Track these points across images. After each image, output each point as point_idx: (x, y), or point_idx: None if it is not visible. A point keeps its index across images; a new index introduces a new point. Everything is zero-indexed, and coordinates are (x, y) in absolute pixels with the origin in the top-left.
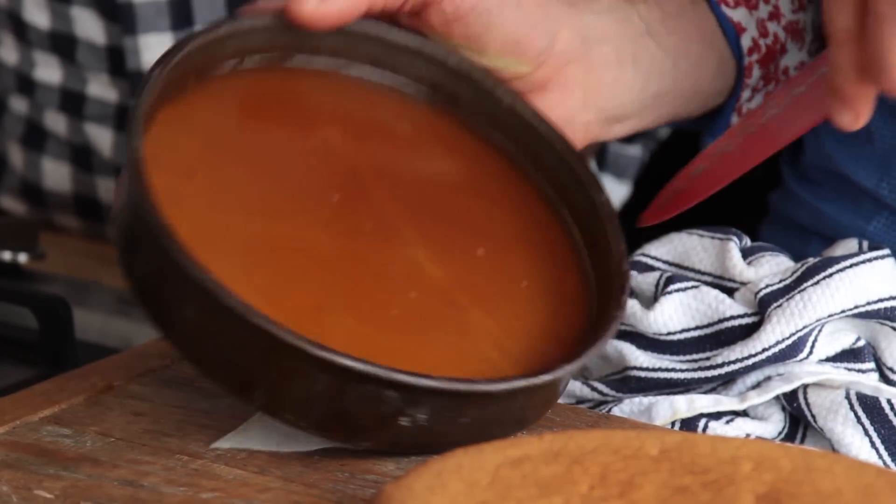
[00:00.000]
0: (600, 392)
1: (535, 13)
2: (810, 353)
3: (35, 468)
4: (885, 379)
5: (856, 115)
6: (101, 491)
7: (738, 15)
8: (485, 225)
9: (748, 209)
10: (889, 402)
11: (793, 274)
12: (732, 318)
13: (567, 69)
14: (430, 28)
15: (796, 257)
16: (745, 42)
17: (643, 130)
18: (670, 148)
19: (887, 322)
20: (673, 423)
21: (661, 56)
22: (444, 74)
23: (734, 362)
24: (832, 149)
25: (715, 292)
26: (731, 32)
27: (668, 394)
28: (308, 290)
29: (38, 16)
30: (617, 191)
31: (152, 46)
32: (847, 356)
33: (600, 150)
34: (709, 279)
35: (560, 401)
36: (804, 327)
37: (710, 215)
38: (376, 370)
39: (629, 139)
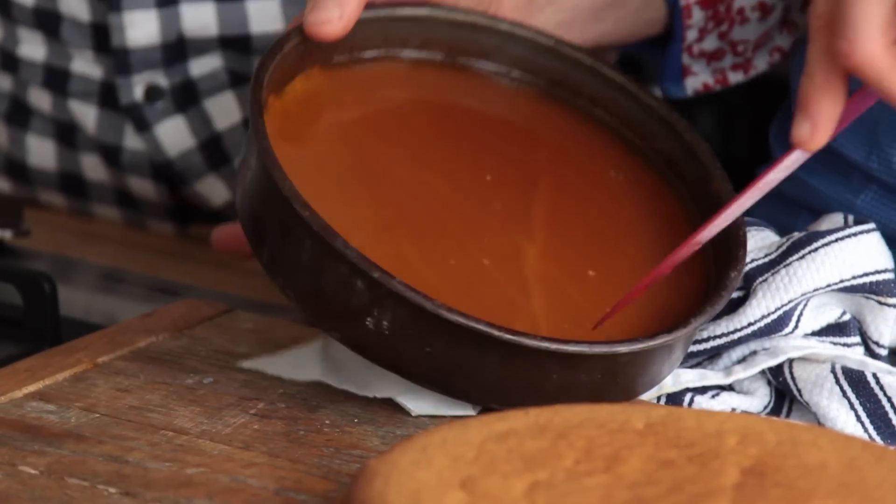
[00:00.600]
0: None
1: None
2: (796, 327)
3: (19, 444)
4: (870, 353)
5: (813, 127)
6: (85, 466)
7: None
8: (605, 202)
9: (736, 183)
10: (874, 375)
11: (778, 248)
12: None
13: None
14: None
15: (785, 231)
16: None
17: (588, 46)
18: None
19: (873, 296)
20: (659, 398)
21: None
22: (538, 55)
23: (720, 337)
24: None
25: None
26: None
27: None
28: (396, 216)
29: None
30: None
31: (137, 23)
32: (833, 330)
33: None
34: None
35: None
36: (789, 302)
37: None
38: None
39: None
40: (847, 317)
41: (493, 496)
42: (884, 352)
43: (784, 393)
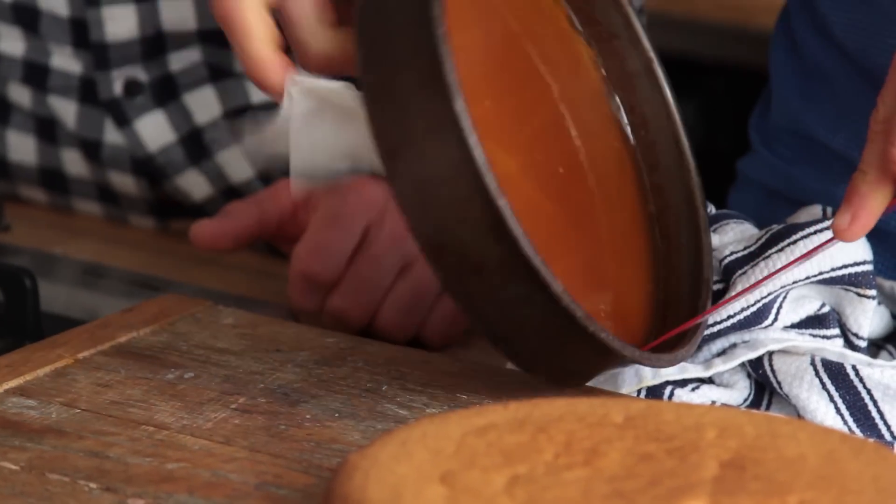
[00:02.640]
0: None
1: None
2: (775, 319)
3: (0, 440)
4: (849, 345)
5: (854, 220)
6: (66, 462)
7: None
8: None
9: (716, 175)
10: (854, 368)
11: (757, 241)
12: None
13: None
14: None
15: (765, 222)
16: None
17: None
18: None
19: (851, 288)
20: (639, 391)
21: None
22: None
23: None
24: (798, 110)
25: None
26: None
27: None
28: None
29: None
30: None
31: (116, 18)
32: (812, 322)
33: None
34: None
35: None
36: (769, 294)
37: None
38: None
39: None
40: (826, 309)
41: (473, 490)
42: (863, 343)
43: (764, 385)
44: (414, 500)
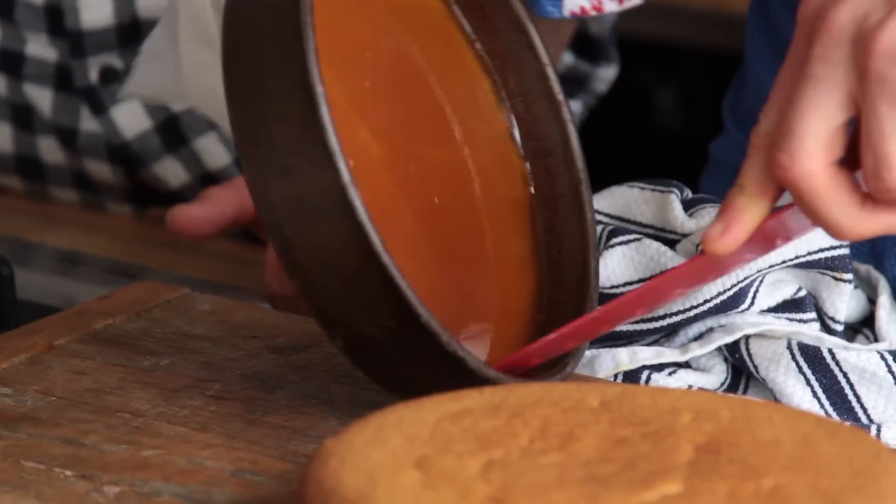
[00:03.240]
0: None
1: None
2: (752, 304)
3: None
4: (826, 329)
5: (724, 230)
6: (42, 450)
7: None
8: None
9: (694, 160)
10: (830, 351)
11: None
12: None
13: None
14: None
15: None
16: None
17: None
18: (609, 105)
19: (828, 272)
20: (616, 376)
21: None
22: None
23: (676, 314)
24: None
25: (657, 244)
26: None
27: (610, 346)
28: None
29: None
30: None
31: (91, 5)
32: (788, 306)
33: None
34: (651, 231)
35: None
36: (745, 278)
37: (651, 167)
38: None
39: (571, 94)
40: (803, 293)
41: (449, 475)
42: (839, 327)
43: (741, 369)
44: (389, 485)
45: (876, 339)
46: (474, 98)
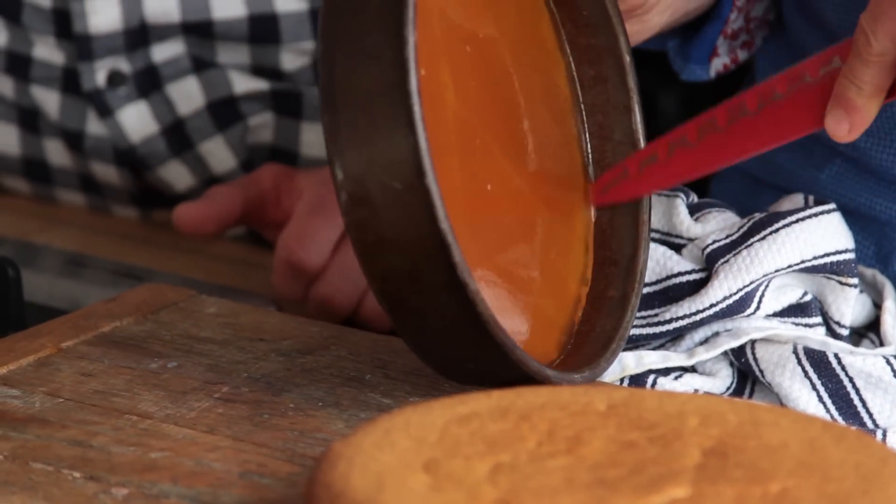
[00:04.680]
0: None
1: None
2: (757, 308)
3: None
4: (831, 333)
5: (851, 128)
6: (50, 451)
7: None
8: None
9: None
10: (836, 356)
11: (739, 229)
12: (680, 274)
13: None
14: None
15: (748, 210)
16: None
17: (666, 28)
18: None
19: (833, 276)
20: (622, 380)
21: None
22: None
23: (682, 318)
24: None
25: (663, 249)
26: None
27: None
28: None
29: None
30: None
31: (99, 9)
32: (794, 311)
33: None
34: (657, 236)
35: None
36: (751, 283)
37: None
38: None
39: None
40: (808, 297)
41: (457, 478)
42: (845, 332)
43: (746, 374)
44: (397, 488)
45: (882, 343)
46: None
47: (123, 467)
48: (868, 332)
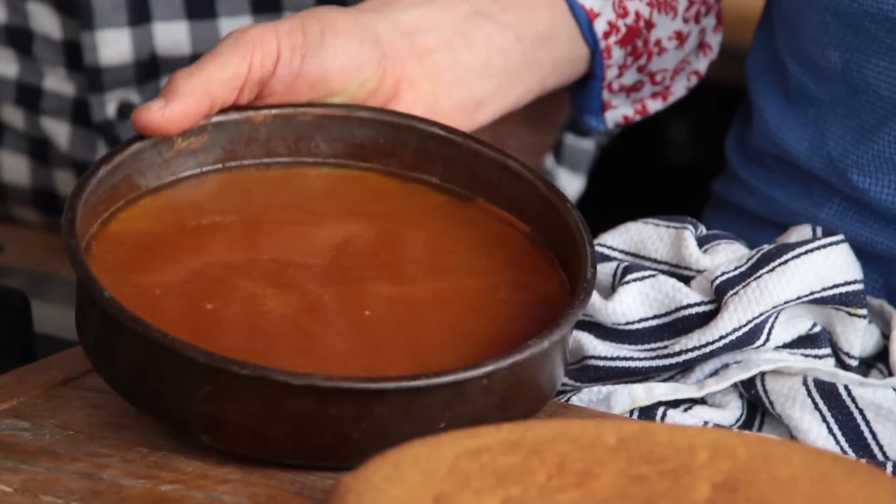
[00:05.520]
0: None
1: (352, 33)
2: (767, 339)
3: None
4: (841, 364)
5: None
6: (59, 484)
7: (590, 1)
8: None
9: (703, 195)
10: (846, 388)
11: (748, 261)
12: (690, 306)
13: (406, 67)
14: (276, 100)
15: (748, 245)
16: (600, 27)
17: (513, 109)
18: (622, 141)
19: (843, 307)
20: (632, 412)
21: (498, 32)
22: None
23: (692, 350)
24: (778, 135)
25: (672, 281)
26: (584, 19)
27: (626, 382)
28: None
29: None
30: (572, 184)
31: (110, 42)
32: (804, 342)
33: (557, 146)
34: (665, 268)
35: None
36: (761, 314)
37: (665, 202)
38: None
39: (584, 133)
40: (818, 328)
41: None
42: (854, 362)
43: (756, 406)
44: None
45: (890, 373)
46: None
47: (133, 500)
48: (877, 362)
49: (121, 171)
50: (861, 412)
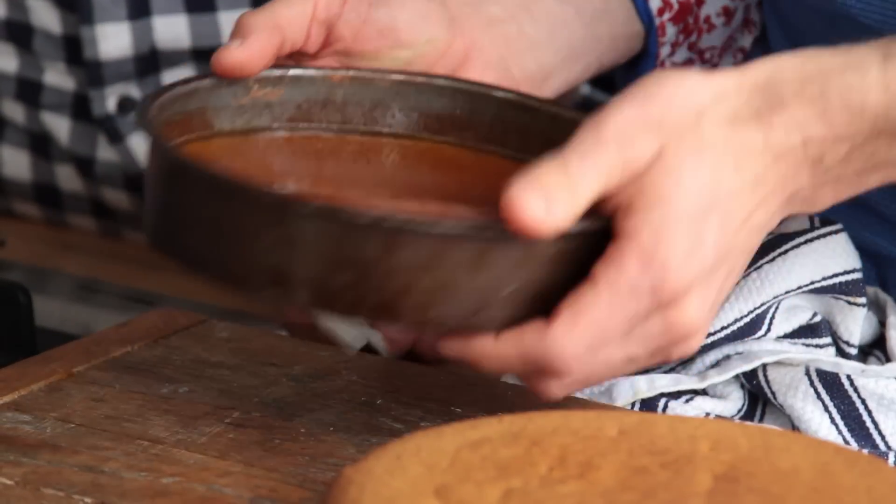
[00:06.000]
0: None
1: None
2: (768, 330)
3: None
4: (840, 352)
5: None
6: (61, 477)
7: None
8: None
9: None
10: (849, 377)
11: None
12: None
13: (475, 33)
14: (343, 47)
15: None
16: (654, 3)
17: (576, 83)
18: None
19: (842, 296)
20: (633, 404)
21: (559, 7)
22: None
23: None
24: None
25: None
26: None
27: (628, 374)
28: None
29: None
30: None
31: (109, 36)
32: (805, 332)
33: None
34: None
35: (521, 383)
36: (761, 305)
37: None
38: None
39: None
40: (818, 318)
41: None
42: (854, 351)
43: (757, 396)
44: None
45: (888, 360)
46: None
47: (135, 493)
48: (873, 349)
49: (196, 101)
50: (863, 402)
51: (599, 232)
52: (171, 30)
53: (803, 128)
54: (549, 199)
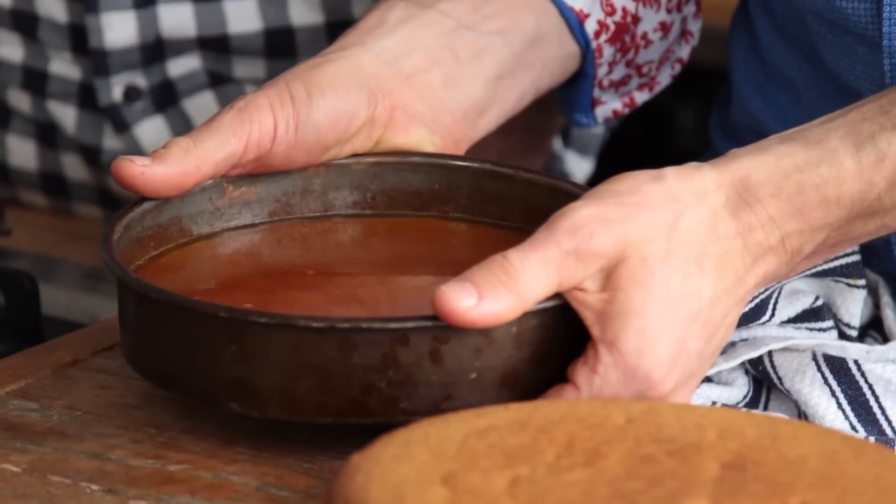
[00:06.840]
0: None
1: (337, 85)
2: (772, 315)
3: (2, 442)
4: (841, 334)
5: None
6: (68, 464)
7: (579, 1)
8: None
9: None
10: (856, 362)
11: None
12: None
13: (395, 94)
14: (278, 164)
15: None
16: (591, 27)
17: (512, 114)
18: (631, 125)
19: (842, 279)
20: None
21: (484, 40)
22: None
23: None
24: (758, 110)
25: None
26: (574, 21)
27: None
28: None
29: None
30: (581, 167)
31: (115, 25)
32: (808, 316)
33: (565, 129)
34: None
35: None
36: (765, 290)
37: None
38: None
39: None
40: (820, 302)
41: (475, 491)
42: (854, 333)
43: (762, 382)
44: (416, 501)
45: (885, 340)
46: None
47: (141, 480)
48: (870, 329)
49: (168, 212)
50: (871, 387)
51: (561, 306)
52: (177, 18)
53: (781, 226)
54: (480, 290)
